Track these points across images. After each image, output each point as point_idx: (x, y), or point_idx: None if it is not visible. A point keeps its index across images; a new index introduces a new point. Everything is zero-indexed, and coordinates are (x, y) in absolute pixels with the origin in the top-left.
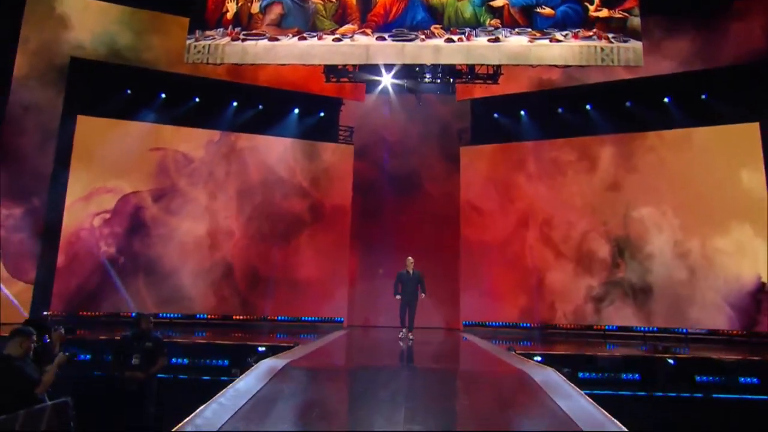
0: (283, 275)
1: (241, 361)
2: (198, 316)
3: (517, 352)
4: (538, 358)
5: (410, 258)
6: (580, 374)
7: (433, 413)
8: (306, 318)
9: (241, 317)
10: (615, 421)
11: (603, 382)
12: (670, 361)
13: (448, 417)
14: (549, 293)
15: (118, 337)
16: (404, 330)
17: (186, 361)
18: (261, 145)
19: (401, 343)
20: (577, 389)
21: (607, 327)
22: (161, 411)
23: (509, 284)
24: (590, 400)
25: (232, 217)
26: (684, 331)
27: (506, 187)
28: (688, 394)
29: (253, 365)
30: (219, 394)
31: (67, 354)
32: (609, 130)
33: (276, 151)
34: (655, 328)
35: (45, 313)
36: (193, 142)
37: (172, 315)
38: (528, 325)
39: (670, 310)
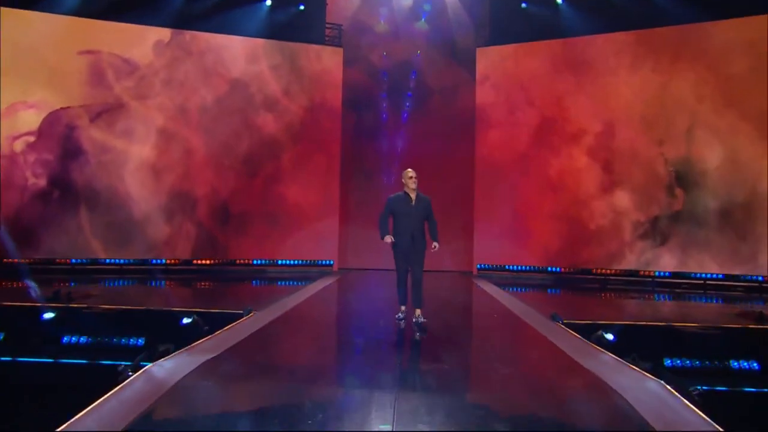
0: (259, 209)
1: (164, 335)
2: (155, 261)
3: (565, 321)
4: (610, 337)
5: (411, 171)
6: (667, 361)
7: None
8: (287, 261)
9: (209, 261)
10: None
11: (695, 371)
12: None
13: None
14: (585, 229)
15: None
16: (403, 308)
17: (84, 339)
18: (224, 47)
19: (401, 324)
20: None
21: (657, 273)
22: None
23: (535, 217)
24: None
25: (192, 138)
26: (759, 278)
27: (534, 97)
28: None
29: (129, 375)
30: None
31: None
32: (677, 19)
33: (244, 55)
34: (720, 275)
35: None
36: (135, 42)
37: (123, 261)
38: (558, 269)
39: (740, 252)
